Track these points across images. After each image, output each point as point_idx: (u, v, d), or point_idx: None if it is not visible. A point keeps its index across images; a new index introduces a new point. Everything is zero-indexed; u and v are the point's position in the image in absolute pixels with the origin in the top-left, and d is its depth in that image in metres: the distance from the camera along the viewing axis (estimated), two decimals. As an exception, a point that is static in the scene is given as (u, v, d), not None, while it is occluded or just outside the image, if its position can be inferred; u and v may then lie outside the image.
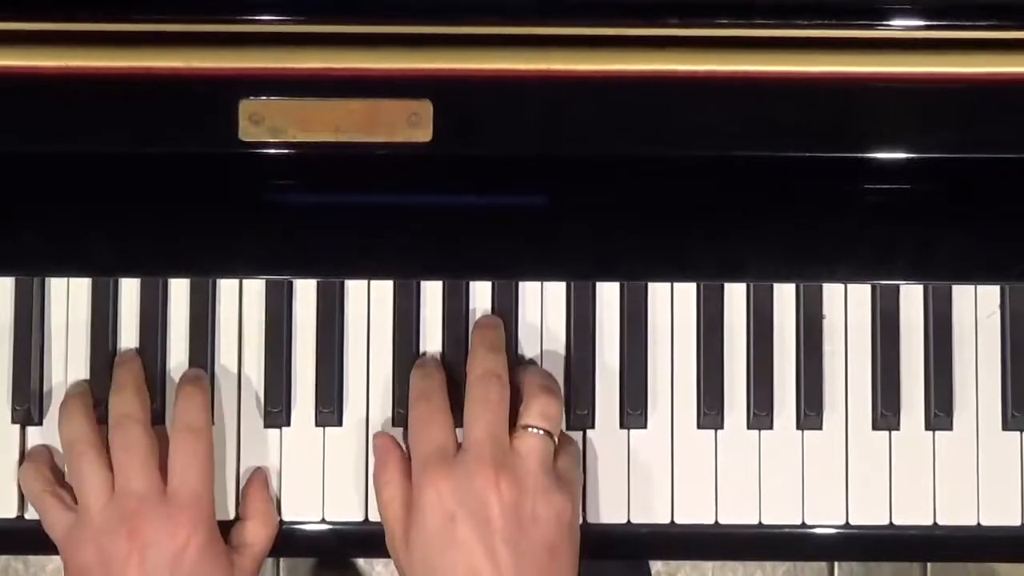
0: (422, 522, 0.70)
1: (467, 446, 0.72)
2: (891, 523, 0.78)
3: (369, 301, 0.79)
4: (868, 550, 0.79)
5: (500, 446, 0.71)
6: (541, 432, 0.72)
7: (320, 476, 0.78)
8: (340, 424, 0.79)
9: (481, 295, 0.79)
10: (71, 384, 0.79)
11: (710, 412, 0.78)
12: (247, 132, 0.72)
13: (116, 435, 0.74)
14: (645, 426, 0.78)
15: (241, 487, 0.78)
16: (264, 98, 0.72)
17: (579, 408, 0.78)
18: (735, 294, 0.79)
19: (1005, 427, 0.79)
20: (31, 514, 0.78)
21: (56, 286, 0.79)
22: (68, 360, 0.79)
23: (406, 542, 0.72)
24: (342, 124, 0.72)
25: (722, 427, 0.78)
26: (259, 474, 0.78)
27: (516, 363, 0.78)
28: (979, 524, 0.78)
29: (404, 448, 0.76)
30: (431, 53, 0.71)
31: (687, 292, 0.79)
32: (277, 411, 0.78)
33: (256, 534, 0.76)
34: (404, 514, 0.72)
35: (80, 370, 0.79)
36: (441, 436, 0.72)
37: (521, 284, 0.79)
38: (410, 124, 0.71)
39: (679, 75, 0.72)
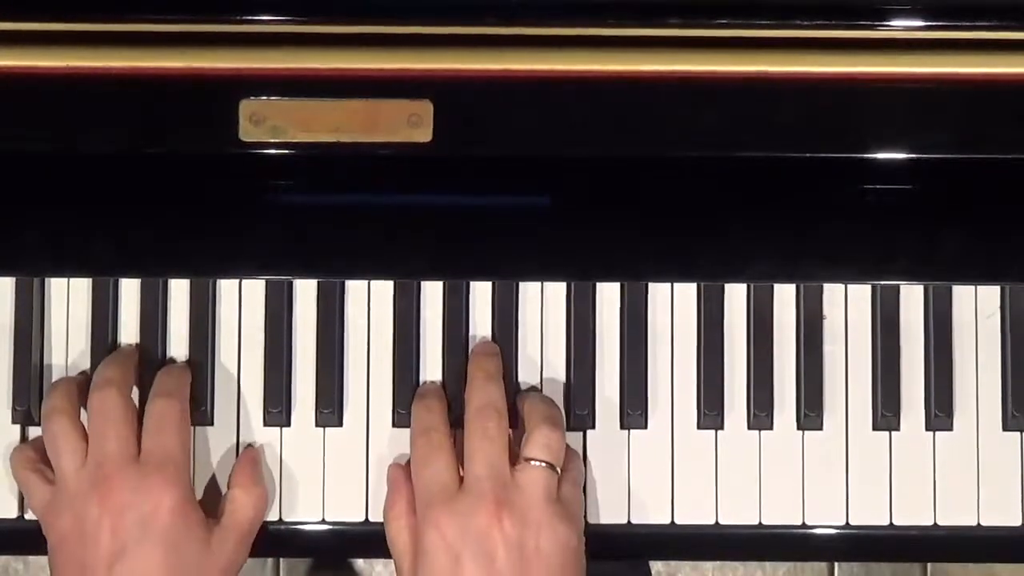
0: (428, 563, 0.70)
1: (468, 482, 0.71)
2: (891, 523, 0.78)
3: (369, 301, 0.79)
4: (868, 550, 0.79)
5: (501, 481, 0.71)
6: (543, 464, 0.72)
7: (320, 476, 0.78)
8: (340, 424, 0.79)
9: (481, 295, 0.79)
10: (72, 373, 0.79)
11: (710, 412, 0.78)
12: (247, 132, 0.72)
13: (93, 400, 0.74)
14: (645, 426, 0.79)
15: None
16: (264, 98, 0.72)
17: (579, 408, 0.78)
18: (735, 294, 0.79)
19: (1005, 427, 0.79)
20: (31, 514, 0.78)
21: (56, 286, 0.79)
22: (68, 361, 0.79)
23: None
24: (342, 124, 0.72)
25: (722, 427, 0.78)
26: (250, 450, 0.78)
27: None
28: (979, 524, 0.78)
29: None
30: (431, 53, 0.72)
31: (687, 292, 0.79)
32: (277, 411, 0.78)
33: (238, 501, 0.76)
34: (412, 550, 0.72)
35: (80, 370, 0.79)
36: (443, 473, 0.72)
37: (521, 284, 0.79)
38: (410, 124, 0.71)
39: (679, 75, 0.72)
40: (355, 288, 0.79)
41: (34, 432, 0.79)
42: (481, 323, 0.79)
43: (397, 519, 0.74)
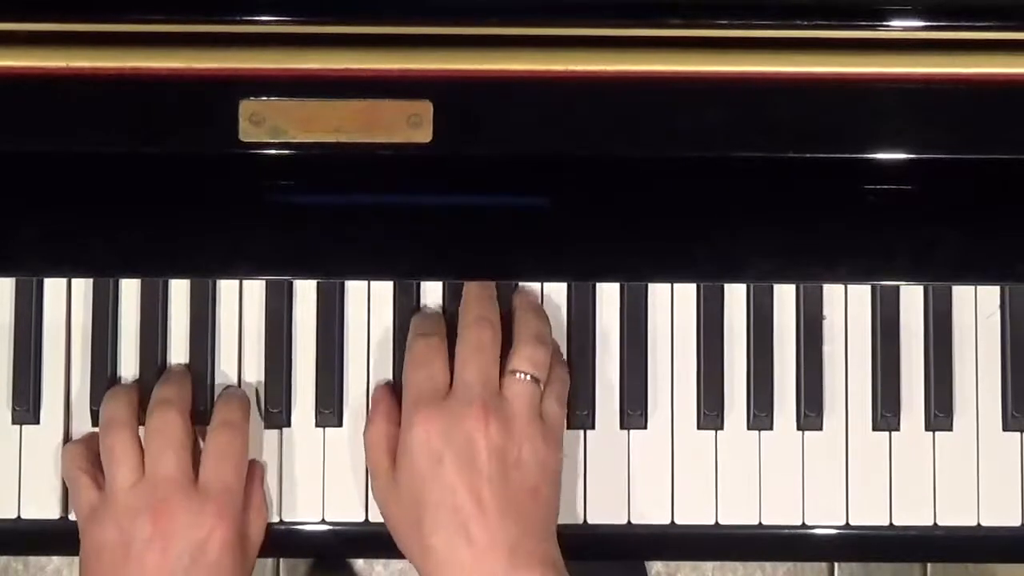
0: (410, 460, 0.71)
1: (457, 388, 0.72)
2: (891, 523, 0.78)
3: (369, 301, 0.79)
4: (868, 550, 0.79)
5: (490, 390, 0.72)
6: (528, 377, 0.73)
7: (320, 476, 0.78)
8: (340, 424, 0.79)
9: (481, 295, 0.79)
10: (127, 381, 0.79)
11: (710, 413, 0.78)
12: (247, 132, 0.72)
13: (153, 419, 0.74)
14: (645, 427, 0.79)
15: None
16: (264, 98, 0.72)
17: (579, 408, 0.78)
18: (735, 294, 0.79)
19: (1005, 427, 0.79)
20: (30, 514, 0.78)
21: (56, 286, 0.79)
22: (68, 361, 0.79)
23: (392, 479, 0.73)
24: (342, 124, 0.72)
25: (722, 428, 0.78)
26: (257, 467, 0.78)
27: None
28: (979, 524, 0.78)
29: (396, 395, 0.76)
30: (431, 53, 0.71)
31: (687, 292, 0.79)
32: (277, 411, 0.78)
33: (255, 526, 0.76)
34: (389, 453, 0.73)
35: (80, 370, 0.79)
36: (436, 376, 0.73)
37: (521, 284, 0.79)
38: (410, 125, 0.71)
39: (679, 75, 0.72)
40: (355, 288, 0.79)
41: (33, 430, 0.79)
42: (481, 323, 0.79)
43: (373, 424, 0.75)
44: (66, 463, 0.77)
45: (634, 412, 0.78)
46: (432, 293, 0.79)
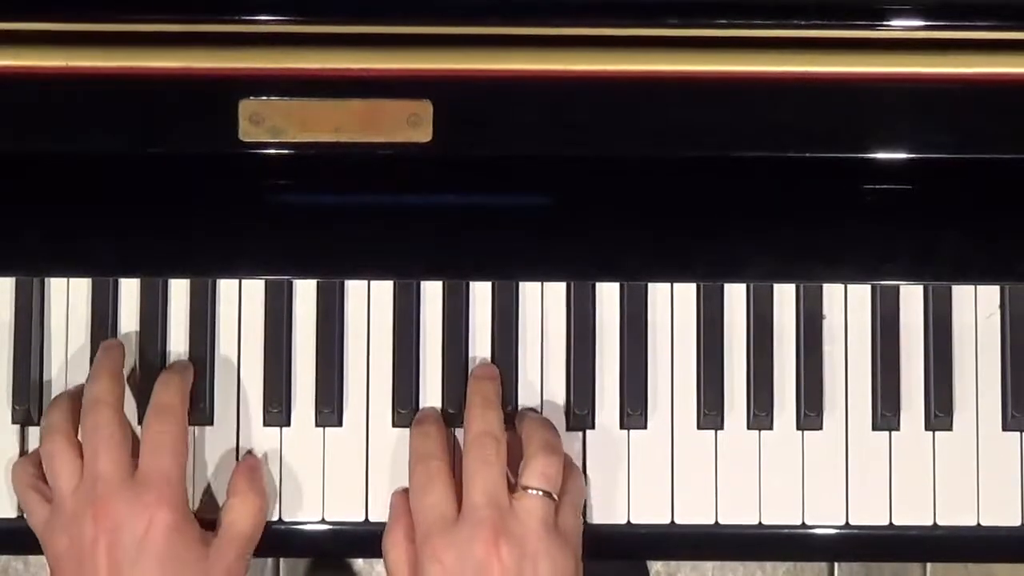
0: None
1: (466, 510, 0.71)
2: (891, 523, 0.78)
3: (369, 301, 0.79)
4: (868, 550, 0.79)
5: (499, 509, 0.71)
6: (540, 493, 0.72)
7: (320, 476, 0.78)
8: (340, 424, 0.79)
9: (481, 295, 0.79)
10: (72, 387, 0.79)
11: (710, 412, 0.78)
12: (247, 132, 0.72)
13: (86, 419, 0.74)
14: (645, 427, 0.78)
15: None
16: (264, 98, 0.72)
17: (579, 408, 0.78)
18: (735, 294, 0.79)
19: (1005, 427, 0.79)
20: (31, 514, 0.78)
21: (56, 286, 0.79)
22: (68, 360, 0.79)
23: None
24: (342, 124, 0.72)
25: (722, 427, 0.78)
26: (249, 457, 0.78)
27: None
28: (979, 524, 0.78)
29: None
30: (431, 53, 0.72)
31: (687, 292, 0.79)
32: (277, 411, 0.78)
33: (235, 512, 0.75)
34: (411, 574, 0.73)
35: (80, 370, 0.79)
36: (442, 503, 0.72)
37: (521, 284, 0.79)
38: (410, 124, 0.72)
39: (679, 75, 0.72)
40: (355, 288, 0.79)
41: (33, 432, 0.79)
42: (481, 323, 0.79)
43: (396, 547, 0.74)
44: (16, 481, 0.77)
45: (634, 412, 0.78)
46: (432, 293, 0.79)
